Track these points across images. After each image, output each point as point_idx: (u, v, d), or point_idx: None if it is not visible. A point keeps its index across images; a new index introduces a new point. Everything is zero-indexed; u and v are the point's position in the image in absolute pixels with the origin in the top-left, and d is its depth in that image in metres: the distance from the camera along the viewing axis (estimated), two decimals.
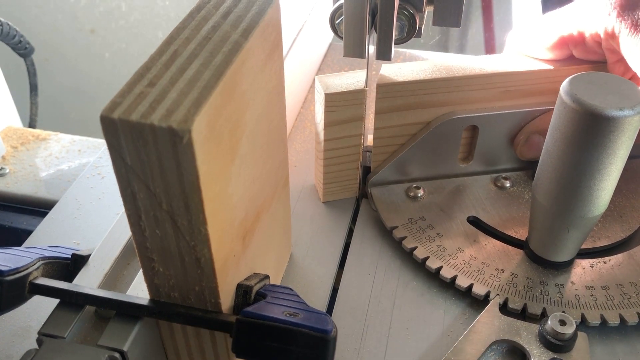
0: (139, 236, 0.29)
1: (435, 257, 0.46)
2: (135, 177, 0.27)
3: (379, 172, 0.52)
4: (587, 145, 0.37)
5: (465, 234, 0.49)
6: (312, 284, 0.47)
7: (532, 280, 0.45)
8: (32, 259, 0.34)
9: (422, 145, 0.51)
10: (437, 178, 0.54)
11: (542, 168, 0.41)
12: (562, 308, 0.43)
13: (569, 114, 0.37)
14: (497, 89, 0.49)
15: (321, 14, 0.71)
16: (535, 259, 0.46)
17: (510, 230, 0.49)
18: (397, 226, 0.49)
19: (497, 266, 0.46)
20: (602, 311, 0.42)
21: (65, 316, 0.32)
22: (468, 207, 0.51)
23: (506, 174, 0.54)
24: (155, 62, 0.28)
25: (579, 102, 0.36)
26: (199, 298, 0.31)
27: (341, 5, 0.44)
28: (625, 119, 0.35)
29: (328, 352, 0.29)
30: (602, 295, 0.43)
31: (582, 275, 0.45)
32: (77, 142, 0.67)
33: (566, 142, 0.38)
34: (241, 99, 0.30)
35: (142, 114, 0.25)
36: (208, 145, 0.26)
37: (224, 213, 0.30)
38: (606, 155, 0.37)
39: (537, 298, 0.43)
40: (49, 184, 0.61)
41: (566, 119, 0.37)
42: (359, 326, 0.43)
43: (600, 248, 0.48)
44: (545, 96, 0.50)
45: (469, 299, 0.45)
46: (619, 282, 0.44)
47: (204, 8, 0.32)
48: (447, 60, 0.50)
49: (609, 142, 0.36)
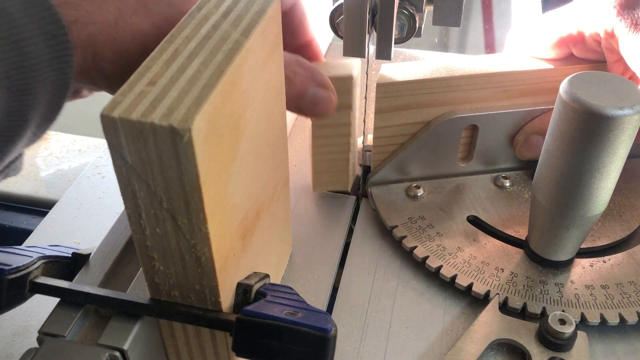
0: (139, 235, 0.29)
1: (435, 257, 0.46)
2: (136, 176, 0.27)
3: (379, 171, 0.52)
4: (587, 144, 0.37)
5: (465, 233, 0.49)
6: (312, 283, 0.47)
7: (531, 279, 0.45)
8: (32, 258, 0.34)
9: (422, 145, 0.51)
10: (437, 177, 0.54)
11: (542, 167, 0.41)
12: (562, 307, 0.43)
13: (569, 113, 0.37)
14: (497, 88, 0.50)
15: (321, 14, 0.71)
16: (535, 258, 0.46)
17: (510, 230, 0.49)
18: (397, 225, 0.49)
19: (497, 265, 0.46)
20: (602, 310, 0.42)
21: (66, 315, 0.32)
22: (468, 207, 0.51)
23: (506, 173, 0.54)
24: (156, 61, 0.28)
25: (579, 101, 0.36)
26: (199, 297, 0.31)
27: (341, 5, 0.44)
28: (625, 118, 0.35)
29: (328, 350, 0.29)
30: (601, 295, 0.43)
31: (581, 275, 0.45)
32: (77, 142, 0.68)
33: (566, 142, 0.38)
34: (241, 98, 0.30)
35: (142, 113, 0.25)
36: (208, 144, 0.26)
37: (225, 212, 0.30)
38: (606, 155, 0.37)
39: (537, 297, 0.43)
40: (49, 184, 0.61)
41: (566, 118, 0.37)
42: (358, 325, 0.43)
43: (600, 247, 0.48)
44: (545, 96, 0.51)
45: (469, 298, 0.45)
46: (618, 281, 0.44)
47: (204, 7, 0.32)
48: (447, 60, 0.51)
49: (608, 142, 0.36)
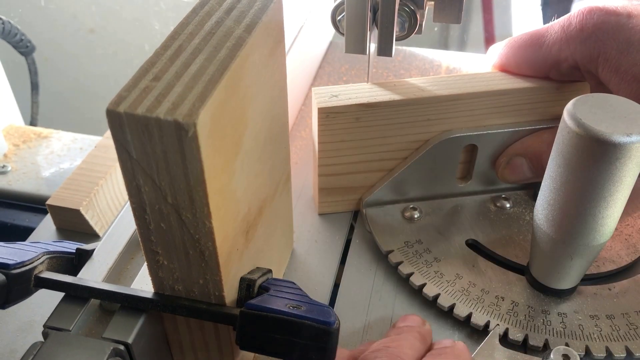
0: (143, 229, 0.30)
1: (433, 284, 0.44)
2: (141, 171, 0.27)
3: (374, 191, 0.50)
4: (592, 172, 0.35)
5: (464, 258, 0.47)
6: (313, 279, 0.47)
7: (533, 309, 0.43)
8: (37, 253, 0.34)
9: (419, 164, 0.49)
10: (434, 198, 0.52)
11: (544, 194, 0.39)
12: (565, 339, 0.41)
13: (573, 139, 0.35)
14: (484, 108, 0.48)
15: (322, 11, 0.71)
16: (537, 286, 0.44)
17: (510, 254, 0.47)
18: (393, 250, 0.47)
19: (497, 293, 0.44)
20: (608, 343, 0.40)
21: (70, 309, 0.32)
22: (466, 230, 0.49)
23: (506, 193, 0.52)
24: (160, 57, 0.28)
25: (584, 126, 0.34)
26: (202, 291, 0.32)
27: (342, 2, 0.44)
28: (633, 145, 0.33)
29: (331, 343, 0.30)
30: (607, 326, 0.41)
31: (586, 304, 0.43)
32: (78, 140, 0.68)
33: (569, 168, 0.36)
34: (245, 93, 0.30)
35: (147, 108, 0.25)
36: (212, 139, 0.27)
37: (228, 207, 0.30)
38: (612, 183, 0.35)
39: (539, 328, 0.41)
40: (50, 182, 0.61)
41: (570, 144, 0.35)
42: (360, 321, 0.44)
43: (605, 273, 0.46)
44: (527, 115, 0.49)
45: (468, 329, 0.43)
46: (624, 311, 0.42)
47: (207, 4, 0.33)
48: (418, 82, 0.48)
49: (615, 169, 0.34)
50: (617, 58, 0.42)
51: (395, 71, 0.72)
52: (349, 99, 0.46)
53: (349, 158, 0.49)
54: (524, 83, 0.48)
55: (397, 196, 0.51)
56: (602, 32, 0.42)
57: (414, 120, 0.47)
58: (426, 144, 0.49)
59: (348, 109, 0.46)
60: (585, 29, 0.43)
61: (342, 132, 0.47)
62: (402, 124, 0.47)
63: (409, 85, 0.47)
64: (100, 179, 0.52)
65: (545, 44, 0.46)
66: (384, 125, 0.47)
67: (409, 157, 0.49)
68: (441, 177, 0.51)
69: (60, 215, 0.50)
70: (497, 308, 0.43)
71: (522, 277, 0.45)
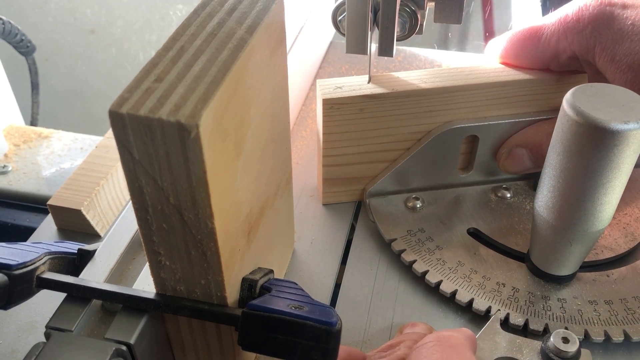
0: (146, 230, 0.30)
1: (435, 271, 0.45)
2: (143, 172, 0.27)
3: (377, 182, 0.51)
4: (591, 159, 0.36)
5: (466, 246, 0.47)
6: (314, 279, 0.47)
7: (533, 294, 0.44)
8: (39, 254, 0.34)
9: (421, 155, 0.50)
10: (437, 188, 0.53)
11: (544, 182, 0.40)
12: (565, 324, 0.41)
13: (572, 127, 0.36)
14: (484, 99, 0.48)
15: (323, 12, 0.71)
16: (537, 273, 0.45)
17: (511, 242, 0.48)
18: (396, 238, 0.48)
19: (498, 280, 0.45)
20: (606, 327, 0.41)
21: (72, 310, 0.33)
22: (468, 219, 0.50)
23: (507, 183, 0.53)
24: (162, 58, 0.28)
25: (583, 114, 0.35)
26: (204, 292, 0.32)
27: (343, 2, 0.44)
28: (630, 132, 0.34)
29: (333, 344, 0.30)
30: (605, 311, 0.42)
31: (585, 290, 0.44)
32: (79, 140, 0.68)
33: (569, 156, 0.37)
34: (246, 94, 0.30)
35: (150, 109, 0.25)
36: (215, 140, 0.27)
37: (230, 207, 0.30)
38: (610, 170, 0.36)
39: (539, 313, 0.42)
40: (51, 182, 0.62)
41: (569, 132, 0.36)
42: (361, 321, 0.44)
43: (603, 260, 0.47)
44: (526, 106, 0.49)
45: (470, 314, 0.44)
46: (622, 296, 0.43)
47: (208, 5, 0.33)
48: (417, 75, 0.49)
49: (613, 156, 0.35)
50: (612, 48, 0.42)
51: (395, 71, 0.72)
52: (353, 90, 0.47)
53: (352, 149, 0.50)
54: (524, 75, 0.48)
55: (399, 186, 0.52)
56: (598, 23, 0.43)
57: (417, 111, 0.48)
58: (428, 134, 0.50)
59: (352, 100, 0.46)
60: (581, 20, 0.44)
61: (346, 123, 0.48)
62: (405, 115, 0.48)
63: (411, 77, 0.48)
64: (101, 179, 0.52)
65: (544, 36, 0.46)
66: (387, 116, 0.48)
67: (411, 147, 0.50)
68: (443, 167, 0.52)
69: (61, 215, 0.51)
70: (498, 294, 0.44)
71: (522, 264, 0.46)
